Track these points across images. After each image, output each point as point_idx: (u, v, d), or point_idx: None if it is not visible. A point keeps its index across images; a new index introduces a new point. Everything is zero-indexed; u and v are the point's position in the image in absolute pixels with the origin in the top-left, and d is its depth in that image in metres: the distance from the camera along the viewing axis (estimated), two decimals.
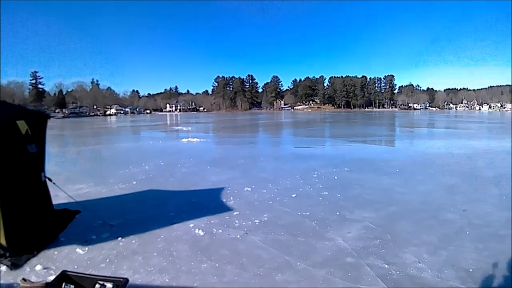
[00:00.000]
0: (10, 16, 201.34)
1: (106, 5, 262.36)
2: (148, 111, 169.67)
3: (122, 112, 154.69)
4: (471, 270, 5.20)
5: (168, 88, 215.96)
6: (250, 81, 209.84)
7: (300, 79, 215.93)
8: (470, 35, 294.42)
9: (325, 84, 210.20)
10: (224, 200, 9.19)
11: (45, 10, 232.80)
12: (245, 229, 7.00)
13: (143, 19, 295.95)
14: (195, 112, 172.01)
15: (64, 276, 4.16)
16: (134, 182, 11.37)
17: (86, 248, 5.89)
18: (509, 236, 6.55)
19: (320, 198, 9.34)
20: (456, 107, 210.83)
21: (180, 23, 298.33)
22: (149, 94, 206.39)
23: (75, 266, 5.23)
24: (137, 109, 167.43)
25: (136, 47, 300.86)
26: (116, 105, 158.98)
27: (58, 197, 7.55)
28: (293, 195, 9.58)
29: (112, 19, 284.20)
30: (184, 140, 27.10)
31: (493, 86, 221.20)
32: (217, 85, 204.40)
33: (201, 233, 6.71)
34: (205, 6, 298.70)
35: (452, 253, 5.82)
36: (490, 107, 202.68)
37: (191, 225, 7.17)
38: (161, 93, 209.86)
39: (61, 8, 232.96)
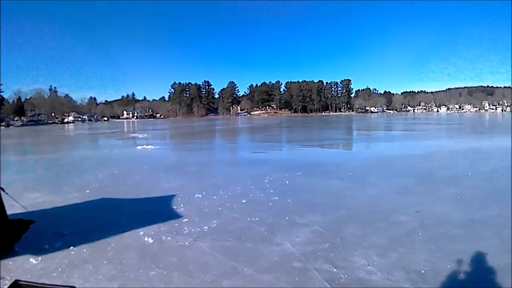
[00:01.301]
0: None
1: (51, 8, 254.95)
2: (106, 118, 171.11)
3: (79, 119, 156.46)
4: (423, 271, 5.30)
5: (125, 95, 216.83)
6: (207, 87, 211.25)
7: (257, 85, 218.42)
8: (427, 38, 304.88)
9: (281, 89, 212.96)
10: (174, 207, 9.24)
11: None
12: (194, 236, 7.04)
13: (100, 22, 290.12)
14: (152, 119, 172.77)
15: (15, 286, 4.06)
16: (88, 191, 11.36)
17: (40, 258, 6.00)
18: (462, 236, 6.78)
19: (270, 203, 9.40)
20: (414, 109, 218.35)
21: (136, 26, 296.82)
22: (106, 101, 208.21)
23: (29, 276, 5.27)
24: (95, 117, 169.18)
25: (94, 53, 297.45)
26: (73, 113, 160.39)
27: (14, 206, 7.63)
28: (243, 201, 9.63)
29: (64, 23, 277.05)
30: (139, 147, 26.93)
31: (451, 88, 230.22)
32: (173, 91, 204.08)
33: (150, 240, 6.78)
34: (162, 8, 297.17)
35: (402, 255, 5.93)
36: (448, 109, 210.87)
37: (141, 232, 7.22)
38: (118, 100, 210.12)
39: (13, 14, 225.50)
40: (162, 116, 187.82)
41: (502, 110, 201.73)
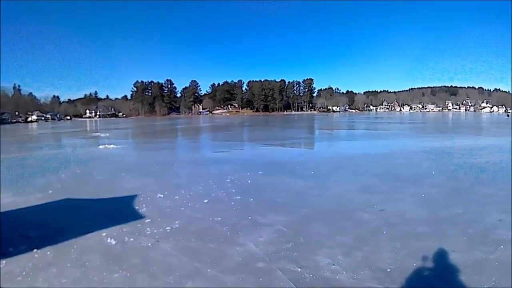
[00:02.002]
0: None
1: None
2: (69, 117, 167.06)
3: (43, 118, 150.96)
4: (388, 269, 5.35)
5: (88, 94, 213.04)
6: (169, 86, 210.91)
7: (219, 84, 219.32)
8: (389, 39, 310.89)
9: (243, 88, 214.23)
10: (137, 207, 9.13)
11: None
12: (156, 236, 6.98)
13: (61, 19, 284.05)
14: (114, 118, 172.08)
15: None
16: (51, 191, 11.13)
17: (4, 261, 5.93)
18: (428, 234, 6.89)
19: (232, 203, 9.39)
20: (376, 109, 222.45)
21: (98, 24, 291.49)
22: (69, 99, 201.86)
23: None
24: (58, 116, 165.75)
25: (58, 50, 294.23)
26: (37, 112, 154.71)
27: None
28: (205, 201, 9.59)
29: (28, 19, 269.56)
30: (101, 147, 26.57)
31: (414, 88, 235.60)
32: (136, 90, 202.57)
33: (113, 242, 6.68)
34: (120, 6, 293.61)
35: (368, 253, 5.97)
36: (411, 108, 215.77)
37: (104, 234, 7.12)
38: (81, 98, 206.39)
39: None
40: (124, 115, 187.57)
41: (465, 110, 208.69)
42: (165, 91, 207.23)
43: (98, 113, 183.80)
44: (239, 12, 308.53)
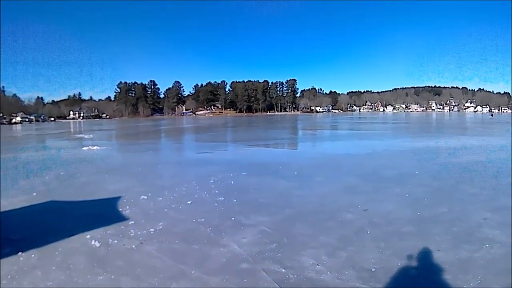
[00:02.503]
0: None
1: None
2: (52, 119, 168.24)
3: (27, 120, 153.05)
4: (373, 269, 5.37)
5: (71, 95, 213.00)
6: (152, 87, 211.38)
7: (202, 84, 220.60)
8: (372, 40, 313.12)
9: (226, 89, 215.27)
10: (120, 209, 9.11)
11: None
12: (140, 238, 6.96)
13: (42, 17, 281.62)
14: (98, 119, 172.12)
15: None
16: (35, 194, 11.05)
17: None
18: (412, 233, 6.95)
19: (216, 204, 9.39)
20: (359, 109, 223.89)
21: (80, 24, 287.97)
22: (53, 101, 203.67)
23: None
24: (42, 117, 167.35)
25: (41, 51, 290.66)
26: (21, 113, 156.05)
27: None
28: (189, 202, 9.57)
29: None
30: (85, 148, 26.27)
31: (398, 88, 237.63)
32: (119, 91, 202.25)
33: (97, 244, 6.67)
34: (104, 9, 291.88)
35: (352, 253, 5.99)
36: (394, 108, 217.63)
37: (88, 236, 7.08)
38: (65, 99, 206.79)
39: None
40: (108, 116, 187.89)
41: (449, 110, 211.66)
42: (149, 92, 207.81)
43: (81, 114, 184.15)
44: (222, 13, 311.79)
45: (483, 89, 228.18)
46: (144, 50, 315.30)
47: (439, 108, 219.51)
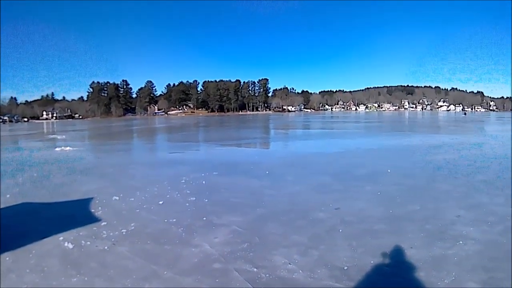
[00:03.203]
0: None
1: None
2: (26, 119, 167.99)
3: (0, 120, 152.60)
4: (345, 267, 5.39)
5: (45, 95, 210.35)
6: (125, 87, 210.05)
7: (174, 84, 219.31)
8: (344, 39, 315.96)
9: (198, 89, 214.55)
10: (93, 210, 9.04)
11: None
12: (113, 239, 6.93)
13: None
14: (70, 120, 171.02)
15: None
16: (8, 196, 10.91)
17: None
18: (385, 231, 7.01)
19: (187, 204, 9.36)
20: (331, 108, 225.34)
21: (56, 22, 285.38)
22: (26, 101, 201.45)
23: None
24: (15, 118, 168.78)
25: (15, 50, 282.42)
26: None
27: None
28: (160, 202, 9.55)
29: None
30: (58, 149, 25.78)
31: (370, 88, 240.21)
32: (92, 91, 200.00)
33: (70, 246, 6.63)
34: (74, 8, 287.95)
35: (324, 252, 6.02)
36: (367, 107, 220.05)
37: (61, 238, 7.04)
38: (38, 100, 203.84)
39: None
40: (80, 117, 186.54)
41: (422, 109, 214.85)
42: (121, 92, 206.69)
43: (55, 115, 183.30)
44: (194, 12, 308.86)
45: (456, 88, 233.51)
46: (116, 49, 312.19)
47: (412, 107, 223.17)
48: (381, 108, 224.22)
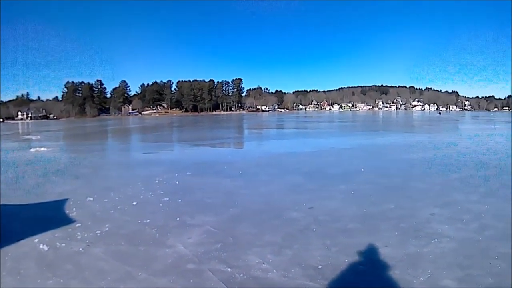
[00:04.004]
0: None
1: None
2: (1, 120, 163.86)
3: None
4: (320, 267, 5.40)
5: (20, 95, 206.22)
6: (99, 87, 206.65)
7: (148, 84, 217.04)
8: (317, 39, 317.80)
9: (172, 89, 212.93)
10: (67, 211, 8.95)
11: None
12: (87, 241, 6.87)
13: None
14: (45, 120, 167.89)
15: None
16: None
17: None
18: (359, 230, 7.06)
19: (161, 205, 9.32)
20: (305, 108, 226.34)
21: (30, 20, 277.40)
22: (1, 101, 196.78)
23: None
24: None
25: None
26: None
27: None
28: (134, 203, 9.48)
29: None
30: (32, 150, 25.36)
31: (344, 88, 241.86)
32: (67, 91, 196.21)
33: (46, 248, 6.58)
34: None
35: (298, 251, 6.04)
36: (341, 107, 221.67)
37: (36, 240, 6.98)
38: (13, 100, 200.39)
39: None
40: (55, 117, 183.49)
41: (396, 108, 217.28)
42: (95, 92, 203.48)
43: (30, 115, 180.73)
44: (168, 11, 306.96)
45: (430, 88, 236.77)
46: (90, 49, 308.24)
47: (386, 107, 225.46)
48: (355, 107, 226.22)
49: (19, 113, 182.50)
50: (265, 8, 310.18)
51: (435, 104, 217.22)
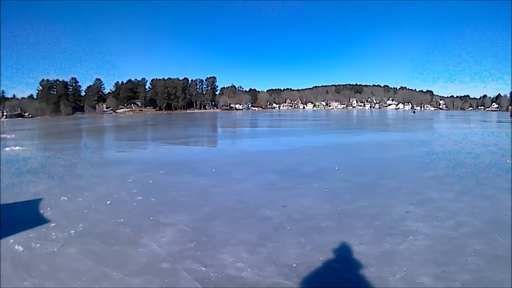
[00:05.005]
0: None
1: None
2: None
3: None
4: (294, 265, 5.42)
5: None
6: (74, 85, 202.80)
7: (122, 82, 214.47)
8: (292, 39, 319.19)
9: (146, 87, 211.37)
10: (42, 211, 8.82)
11: None
12: (62, 241, 6.81)
13: None
14: (21, 118, 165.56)
15: None
16: None
17: None
18: (333, 228, 7.10)
19: (135, 204, 9.26)
20: (279, 106, 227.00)
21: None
22: None
23: None
24: None
25: None
26: None
27: None
28: (108, 202, 9.40)
29: None
30: (7, 149, 24.82)
31: (318, 86, 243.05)
32: (42, 89, 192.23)
33: (21, 249, 6.52)
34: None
35: (272, 250, 6.05)
36: (314, 106, 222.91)
37: (12, 240, 6.94)
38: None
39: None
40: (30, 115, 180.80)
41: (370, 107, 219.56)
42: (70, 90, 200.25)
43: (4, 113, 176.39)
44: (141, 10, 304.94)
45: (405, 87, 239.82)
46: (66, 46, 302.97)
47: (360, 106, 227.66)
48: (329, 106, 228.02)
49: None
50: (238, 7, 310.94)
51: (410, 103, 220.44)
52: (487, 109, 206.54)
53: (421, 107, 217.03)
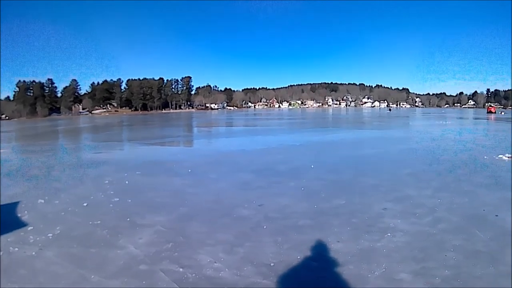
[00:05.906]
0: None
1: None
2: None
3: None
4: (272, 264, 5.42)
5: None
6: (50, 86, 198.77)
7: (98, 82, 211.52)
8: (268, 38, 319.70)
9: (122, 87, 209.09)
10: (19, 214, 8.74)
11: None
12: (40, 244, 6.77)
13: None
14: None
15: None
16: None
17: None
18: (310, 226, 7.11)
19: (111, 205, 9.18)
20: (254, 105, 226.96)
21: None
22: None
23: None
24: None
25: None
26: None
27: None
28: (85, 204, 9.28)
29: None
30: None
31: (293, 85, 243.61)
32: (18, 90, 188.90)
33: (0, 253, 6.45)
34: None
35: (250, 249, 6.05)
36: (290, 104, 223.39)
37: None
38: None
39: None
40: (7, 117, 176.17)
41: (346, 105, 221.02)
42: (46, 91, 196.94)
43: None
44: (117, 10, 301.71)
45: (381, 85, 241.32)
46: (43, 46, 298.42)
47: (336, 104, 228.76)
48: (305, 105, 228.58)
49: None
50: (213, 6, 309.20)
51: (385, 101, 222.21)
52: (463, 106, 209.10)
53: (397, 105, 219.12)
